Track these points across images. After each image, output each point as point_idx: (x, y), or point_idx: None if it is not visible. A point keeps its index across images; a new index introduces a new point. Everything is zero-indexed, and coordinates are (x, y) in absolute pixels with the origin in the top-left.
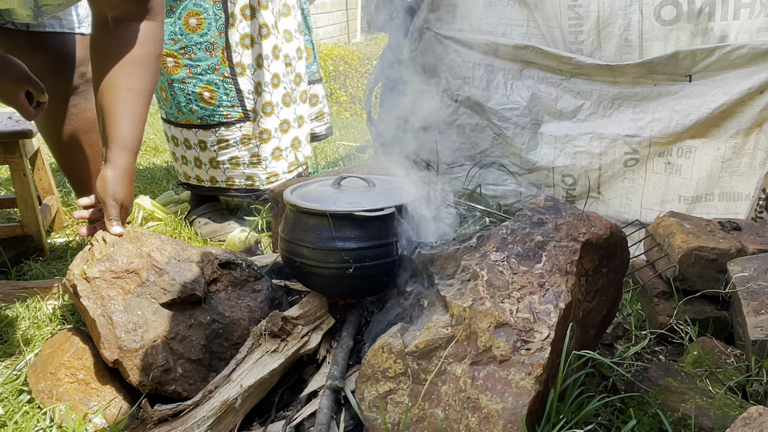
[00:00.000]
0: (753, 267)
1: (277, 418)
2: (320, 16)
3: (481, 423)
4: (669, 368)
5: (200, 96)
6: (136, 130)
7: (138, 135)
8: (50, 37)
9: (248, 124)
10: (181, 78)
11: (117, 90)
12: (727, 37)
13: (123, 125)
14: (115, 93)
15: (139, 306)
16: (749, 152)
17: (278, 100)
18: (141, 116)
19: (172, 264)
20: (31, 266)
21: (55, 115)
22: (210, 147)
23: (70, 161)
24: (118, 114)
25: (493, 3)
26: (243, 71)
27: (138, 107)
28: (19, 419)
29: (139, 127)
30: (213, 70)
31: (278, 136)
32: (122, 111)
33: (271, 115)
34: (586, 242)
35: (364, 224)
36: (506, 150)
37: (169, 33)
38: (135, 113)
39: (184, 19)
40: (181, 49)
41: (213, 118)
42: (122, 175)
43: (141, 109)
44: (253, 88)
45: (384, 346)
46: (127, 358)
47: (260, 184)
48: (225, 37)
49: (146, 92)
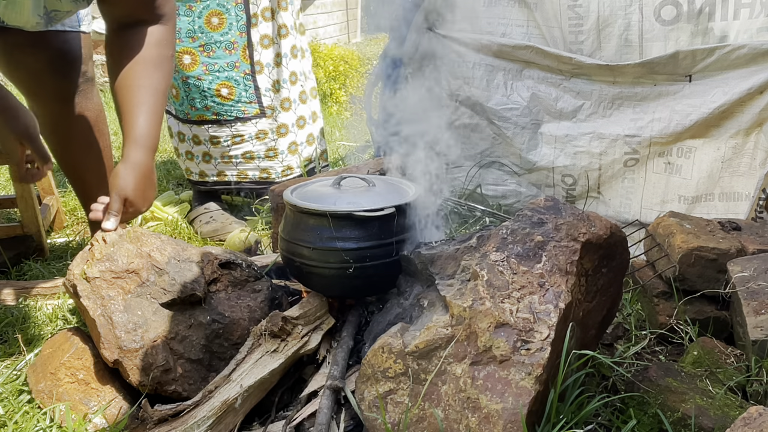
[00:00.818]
0: (753, 267)
1: (277, 418)
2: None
3: (481, 423)
4: (669, 368)
5: (217, 92)
6: (150, 127)
7: (152, 131)
8: (52, 35)
9: (264, 119)
10: (197, 75)
11: (131, 88)
12: (727, 37)
13: (137, 121)
14: (129, 91)
15: (139, 306)
16: (749, 152)
17: (296, 97)
18: (155, 113)
19: (172, 264)
20: (31, 266)
21: (55, 115)
22: (223, 142)
23: (69, 160)
24: (132, 111)
25: (493, 3)
26: (261, 69)
27: (152, 104)
28: (19, 419)
29: (152, 122)
30: (233, 68)
31: (295, 131)
32: (137, 108)
33: (289, 111)
34: (586, 242)
35: (363, 224)
36: (506, 150)
37: (187, 31)
38: (149, 110)
39: (206, 17)
40: (200, 46)
41: (230, 114)
42: (132, 170)
43: (155, 106)
44: (270, 86)
45: (384, 346)
46: (127, 358)
47: (276, 176)
48: (247, 37)
49: (159, 90)
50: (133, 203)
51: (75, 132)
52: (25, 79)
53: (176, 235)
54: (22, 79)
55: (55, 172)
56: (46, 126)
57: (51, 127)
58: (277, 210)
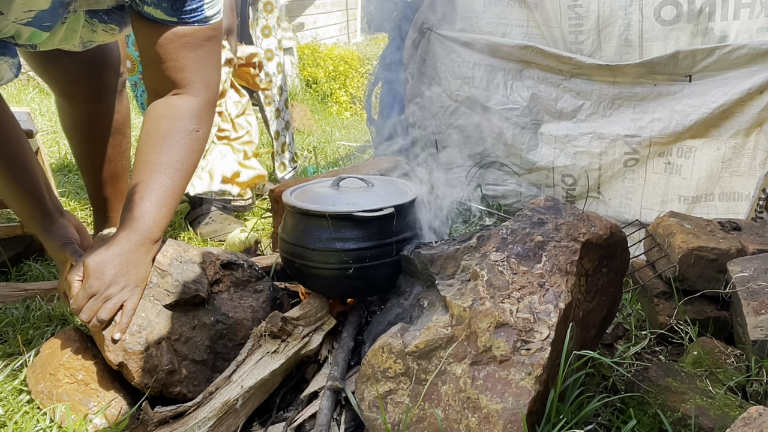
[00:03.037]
0: (753, 267)
1: (277, 419)
2: (320, 16)
3: (481, 423)
4: (669, 368)
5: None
6: (149, 208)
7: (151, 213)
8: None
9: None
10: (134, 81)
11: (139, 164)
12: (727, 37)
13: (132, 202)
14: (137, 168)
15: (142, 308)
16: (749, 152)
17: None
18: (159, 192)
19: (175, 265)
20: (31, 266)
21: (86, 114)
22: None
23: (89, 157)
24: (135, 190)
25: (493, 3)
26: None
27: (157, 182)
28: (19, 419)
29: (153, 201)
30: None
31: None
32: (140, 186)
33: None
34: (586, 242)
35: (363, 225)
36: (506, 150)
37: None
38: (154, 189)
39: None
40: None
41: None
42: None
43: (160, 185)
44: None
45: (384, 346)
46: (132, 361)
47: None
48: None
49: (171, 167)
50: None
51: (103, 131)
52: (61, 79)
53: (176, 235)
54: (59, 79)
55: (55, 172)
56: (73, 122)
57: (80, 126)
58: (277, 210)
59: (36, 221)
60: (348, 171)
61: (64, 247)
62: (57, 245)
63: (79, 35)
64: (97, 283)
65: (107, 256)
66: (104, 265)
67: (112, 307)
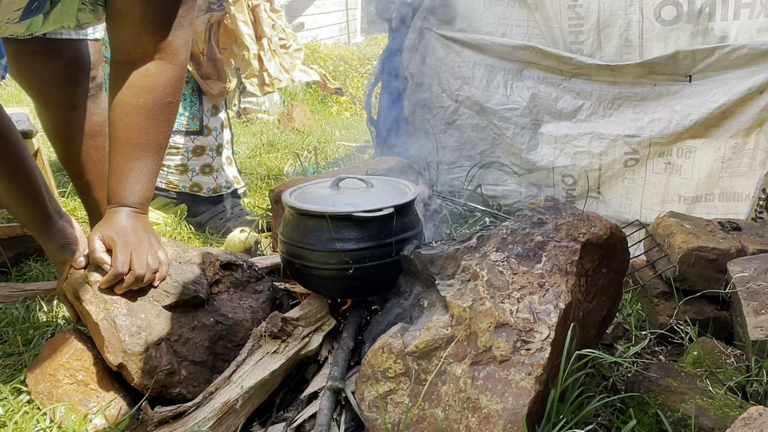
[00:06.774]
0: (753, 267)
1: (277, 420)
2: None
3: (481, 423)
4: (669, 368)
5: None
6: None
7: (140, 192)
8: (65, 43)
9: (201, 137)
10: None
11: (119, 142)
12: (727, 37)
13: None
14: (117, 145)
15: (142, 309)
16: (749, 152)
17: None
18: (146, 172)
19: (174, 266)
20: (32, 267)
21: (63, 119)
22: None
23: (73, 161)
24: (120, 169)
25: (493, 3)
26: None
27: (142, 162)
28: (18, 419)
29: (142, 182)
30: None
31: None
32: (125, 166)
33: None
34: (586, 242)
35: (363, 225)
36: (506, 150)
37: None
38: (140, 170)
39: None
40: None
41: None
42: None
43: (146, 165)
44: (212, 107)
45: (384, 346)
46: (132, 362)
47: (207, 191)
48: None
49: (154, 146)
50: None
51: (81, 135)
52: (35, 86)
53: (175, 236)
54: (32, 85)
55: (55, 172)
56: (52, 128)
57: (58, 130)
58: (277, 211)
59: (37, 226)
60: (348, 171)
61: (64, 249)
62: (57, 247)
63: (75, 17)
64: (134, 238)
65: (119, 225)
66: (123, 229)
67: (155, 257)
